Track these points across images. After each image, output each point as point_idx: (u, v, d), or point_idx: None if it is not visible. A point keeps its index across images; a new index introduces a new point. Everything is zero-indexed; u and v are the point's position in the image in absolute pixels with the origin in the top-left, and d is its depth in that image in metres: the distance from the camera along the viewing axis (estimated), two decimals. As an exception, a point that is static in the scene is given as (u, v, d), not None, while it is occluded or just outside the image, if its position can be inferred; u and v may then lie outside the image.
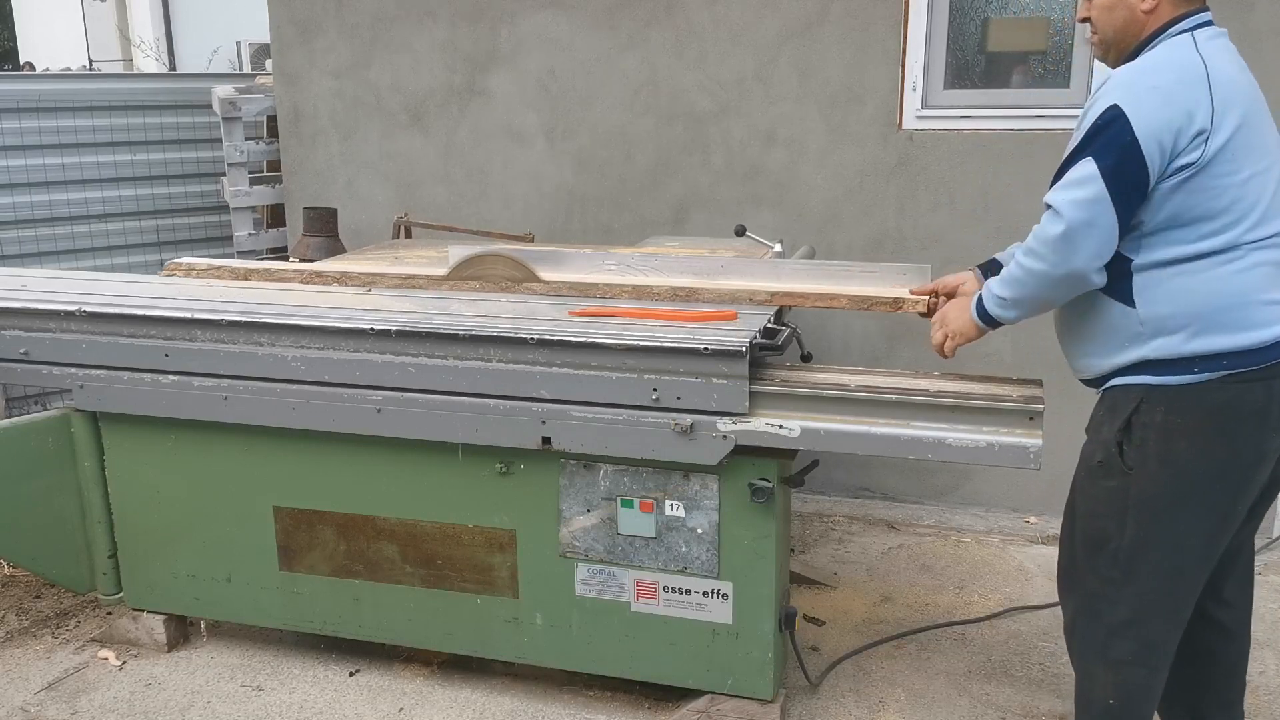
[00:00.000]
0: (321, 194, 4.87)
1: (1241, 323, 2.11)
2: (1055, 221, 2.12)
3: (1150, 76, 2.12)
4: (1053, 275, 2.16)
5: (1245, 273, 2.11)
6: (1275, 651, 3.28)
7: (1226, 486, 2.20)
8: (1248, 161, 2.10)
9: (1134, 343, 2.18)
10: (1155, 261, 2.15)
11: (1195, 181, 2.08)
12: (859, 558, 3.96)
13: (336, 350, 2.78)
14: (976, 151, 3.98)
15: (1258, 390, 2.13)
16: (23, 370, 3.08)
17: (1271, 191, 2.13)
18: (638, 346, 2.56)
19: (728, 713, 2.81)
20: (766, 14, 4.14)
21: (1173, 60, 2.13)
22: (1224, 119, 2.08)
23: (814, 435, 2.51)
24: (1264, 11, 3.64)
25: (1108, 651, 2.33)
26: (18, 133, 4.89)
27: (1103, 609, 2.32)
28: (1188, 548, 2.23)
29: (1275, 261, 2.14)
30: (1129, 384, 2.21)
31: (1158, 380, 2.16)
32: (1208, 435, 2.15)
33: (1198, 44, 2.15)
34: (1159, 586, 2.26)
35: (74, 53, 14.26)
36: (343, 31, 4.72)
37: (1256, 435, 2.17)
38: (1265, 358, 2.12)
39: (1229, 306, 2.11)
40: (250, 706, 3.03)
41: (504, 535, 2.86)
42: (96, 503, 3.19)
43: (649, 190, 4.43)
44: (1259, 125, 2.14)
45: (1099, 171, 2.07)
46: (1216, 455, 2.17)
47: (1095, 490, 2.31)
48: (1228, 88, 2.11)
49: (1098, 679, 2.36)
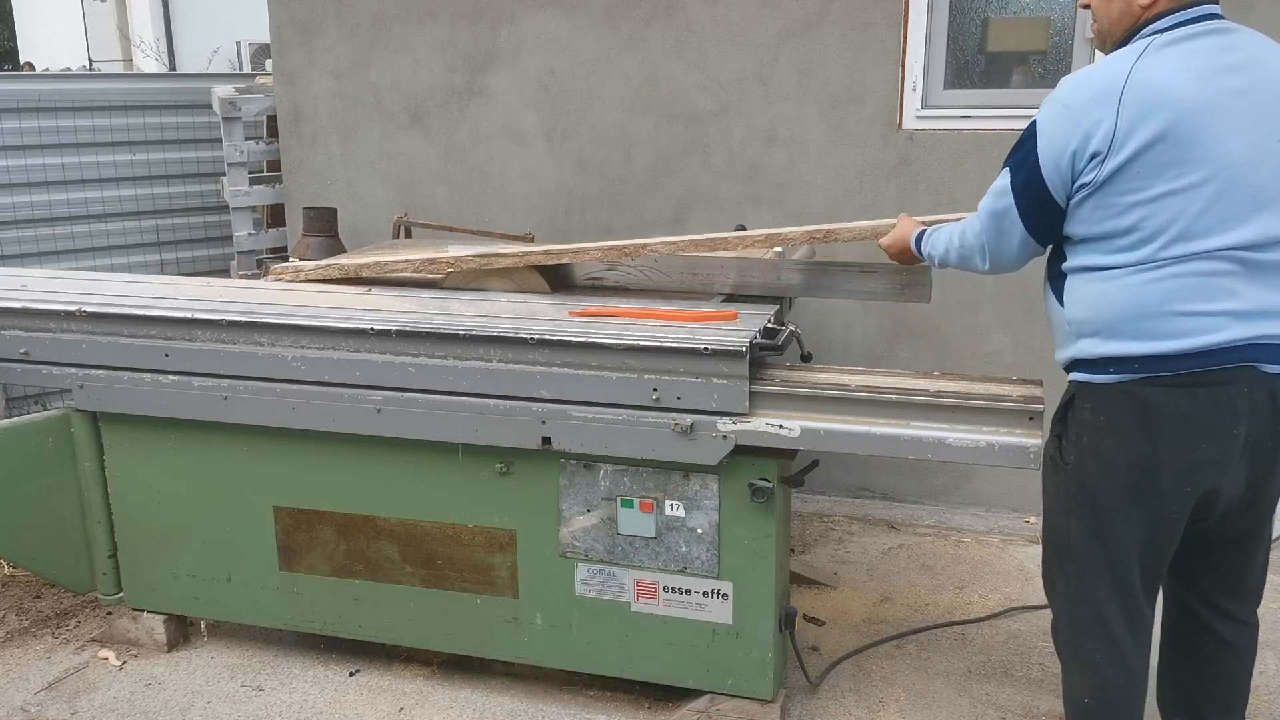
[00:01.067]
0: (321, 194, 4.87)
1: (1151, 332, 2.09)
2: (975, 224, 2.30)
3: (1070, 92, 2.13)
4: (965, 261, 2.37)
5: (1160, 283, 2.08)
6: (1275, 651, 3.28)
7: (1156, 488, 2.17)
8: (1162, 178, 2.04)
9: (1068, 340, 2.24)
10: (1079, 267, 2.19)
11: (1094, 199, 2.09)
12: (859, 558, 3.96)
13: (336, 350, 2.78)
14: (976, 151, 3.98)
15: (1179, 397, 2.11)
16: (23, 370, 3.08)
17: (1199, 208, 2.04)
18: (638, 346, 2.56)
19: (728, 713, 2.81)
20: (766, 14, 4.14)
21: (1103, 72, 2.10)
22: (1129, 138, 2.03)
23: (814, 435, 2.51)
24: (1264, 11, 3.64)
25: (1080, 653, 2.33)
26: (18, 133, 4.89)
27: (1070, 608, 2.33)
28: (1126, 546, 2.22)
29: (1203, 273, 2.07)
30: (1071, 379, 2.26)
31: (1084, 378, 2.20)
32: (1132, 435, 2.15)
33: (1149, 50, 2.09)
34: (1109, 584, 2.26)
35: (74, 53, 14.27)
36: (343, 31, 4.72)
37: (1184, 442, 2.13)
38: (1181, 365, 2.09)
39: (1139, 315, 2.10)
40: (250, 706, 3.03)
41: (504, 535, 2.86)
42: (96, 503, 3.19)
43: (649, 190, 4.43)
44: (1197, 136, 2.02)
45: (1010, 185, 2.19)
46: (1141, 455, 2.16)
47: (1048, 485, 2.35)
48: (1149, 101, 2.03)
49: (1075, 679, 2.37)
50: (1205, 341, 2.08)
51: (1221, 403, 2.11)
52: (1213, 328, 2.08)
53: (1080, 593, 2.29)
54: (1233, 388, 2.10)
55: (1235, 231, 2.05)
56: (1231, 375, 2.10)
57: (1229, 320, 2.08)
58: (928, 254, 2.52)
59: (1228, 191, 2.04)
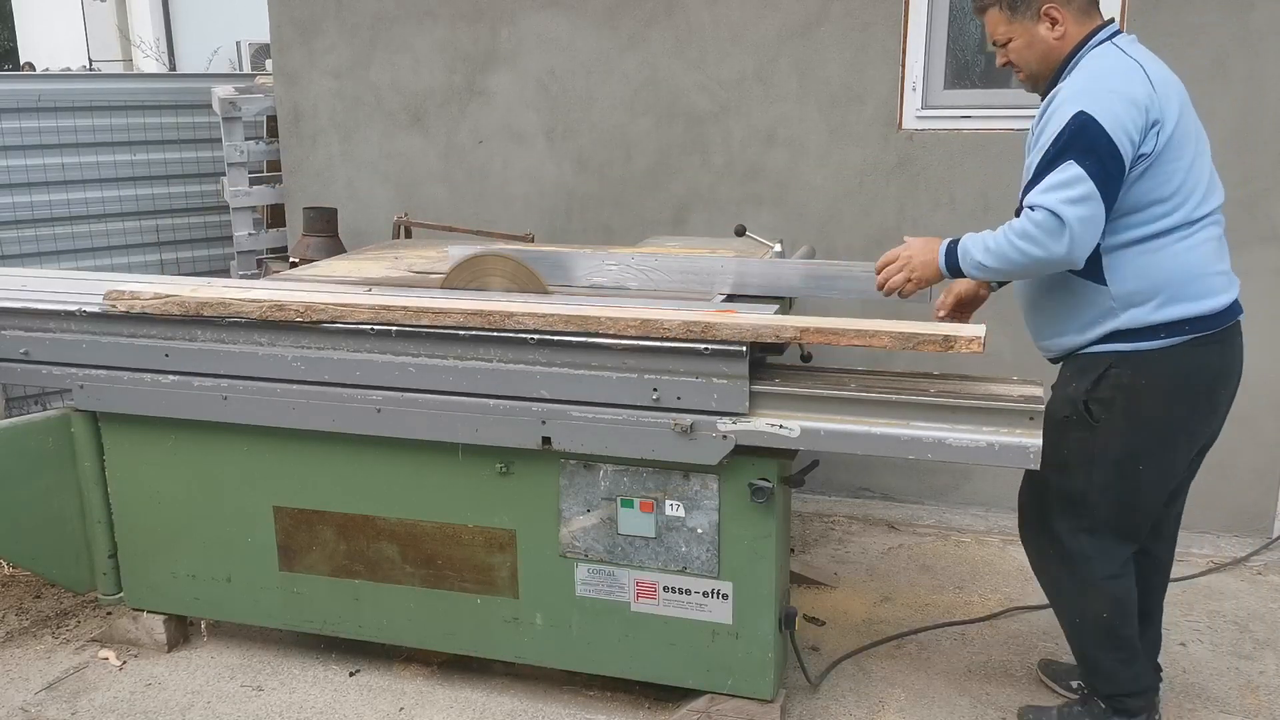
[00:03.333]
0: (321, 194, 4.87)
1: (1201, 292, 2.41)
2: (1052, 219, 2.30)
3: (1102, 82, 2.35)
4: (1048, 261, 2.35)
5: (1199, 247, 2.41)
6: (1275, 651, 3.28)
7: (1183, 440, 2.53)
8: (1187, 148, 2.39)
9: (1106, 317, 2.44)
10: (1121, 243, 2.41)
11: (1153, 169, 2.35)
12: (859, 558, 3.96)
13: (336, 350, 2.78)
14: (976, 151, 3.98)
15: (1214, 352, 2.45)
16: (23, 370, 3.08)
17: (1208, 172, 2.45)
18: (638, 346, 2.56)
19: (728, 713, 2.81)
20: (766, 14, 4.14)
21: (1115, 67, 2.38)
22: (1167, 111, 2.35)
23: (814, 435, 2.51)
24: (1264, 11, 3.64)
25: (1094, 574, 2.62)
26: (18, 133, 4.89)
27: (1083, 542, 2.61)
28: (1145, 491, 2.56)
29: (1218, 236, 2.46)
30: (1097, 351, 2.48)
31: (1129, 347, 2.44)
32: (1170, 395, 2.45)
33: (1125, 50, 2.42)
34: (1122, 517, 2.57)
35: (74, 53, 14.26)
36: (343, 31, 4.72)
37: (1210, 392, 2.49)
38: (1220, 322, 2.44)
39: (1189, 278, 2.40)
40: (250, 706, 3.03)
41: (504, 535, 2.86)
42: (96, 503, 3.19)
43: (649, 190, 4.43)
44: (1190, 115, 2.43)
45: (1085, 173, 2.28)
46: (1177, 413, 2.47)
47: (1063, 442, 2.54)
48: (1164, 84, 2.38)
49: (1091, 599, 2.64)
50: (1230, 298, 2.46)
51: (1237, 353, 2.51)
52: (1230, 285, 2.47)
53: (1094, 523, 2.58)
54: (1239, 339, 2.51)
55: (1215, 196, 2.46)
56: (1237, 328, 2.50)
57: (1232, 277, 2.49)
58: (973, 273, 2.50)
59: (1205, 163, 2.45)
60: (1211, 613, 3.52)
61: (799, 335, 2.49)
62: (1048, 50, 2.48)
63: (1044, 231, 2.31)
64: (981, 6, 2.54)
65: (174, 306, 2.86)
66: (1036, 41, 2.48)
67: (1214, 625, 3.44)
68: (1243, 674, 3.16)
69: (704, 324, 2.50)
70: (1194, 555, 3.89)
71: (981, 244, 2.45)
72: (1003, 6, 2.49)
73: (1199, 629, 3.42)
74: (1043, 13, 2.46)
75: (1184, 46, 3.72)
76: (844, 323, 2.50)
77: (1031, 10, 2.46)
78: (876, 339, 2.45)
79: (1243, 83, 3.70)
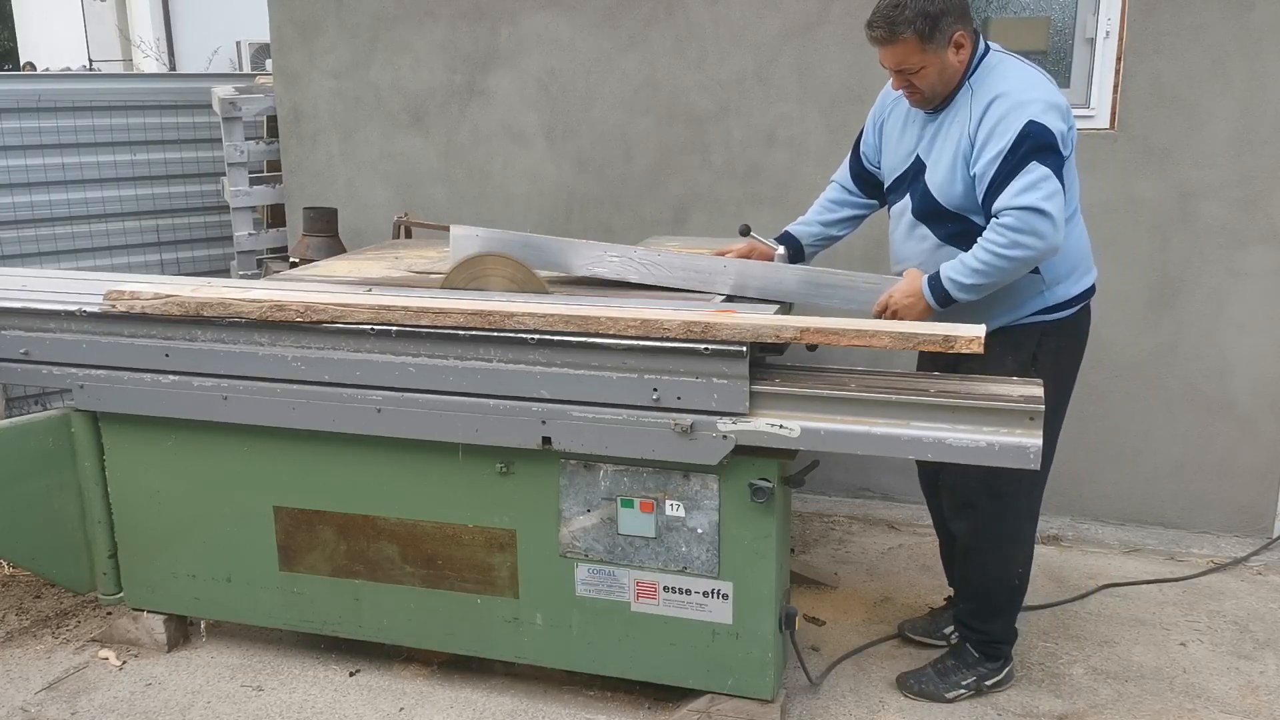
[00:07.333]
0: (321, 194, 4.87)
1: (1090, 264, 2.85)
2: (1036, 216, 2.51)
3: (1033, 92, 2.59)
4: (1038, 257, 2.56)
5: (1082, 229, 2.82)
6: (1275, 651, 3.28)
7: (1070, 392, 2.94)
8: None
9: (1037, 296, 2.75)
10: None
11: (1069, 163, 2.64)
12: (859, 558, 3.96)
13: (336, 350, 2.78)
14: (976, 151, 3.98)
15: (1089, 314, 2.87)
16: (23, 370, 3.08)
17: None
18: (638, 346, 2.56)
19: (728, 713, 2.81)
20: (766, 14, 4.14)
21: (1034, 78, 2.66)
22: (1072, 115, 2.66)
23: (814, 435, 2.51)
24: (1264, 11, 3.64)
25: (1020, 534, 2.95)
26: (18, 133, 4.90)
27: (1020, 504, 2.90)
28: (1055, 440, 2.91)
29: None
30: (1028, 323, 2.78)
31: (1053, 318, 2.78)
32: (1074, 352, 2.88)
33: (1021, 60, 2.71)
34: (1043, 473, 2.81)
35: (74, 53, 14.28)
36: (343, 31, 4.72)
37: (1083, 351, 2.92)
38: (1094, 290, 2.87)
39: (1085, 253, 2.83)
40: (250, 706, 3.03)
41: (504, 535, 2.86)
42: (96, 503, 3.19)
43: (649, 190, 4.43)
44: None
45: (1049, 170, 2.51)
46: (1076, 366, 2.90)
47: None
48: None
49: (1014, 560, 2.95)
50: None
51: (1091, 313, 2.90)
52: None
53: (1032, 488, 2.89)
54: None
55: None
56: None
57: None
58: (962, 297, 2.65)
59: None
60: (1212, 613, 3.52)
61: (799, 335, 2.50)
62: (953, 74, 2.67)
63: (1030, 231, 2.50)
64: (891, 40, 2.62)
65: (174, 306, 2.86)
66: (946, 67, 2.65)
67: (1214, 625, 3.44)
68: (1243, 674, 3.16)
69: (704, 324, 2.51)
70: (1194, 555, 3.89)
71: (964, 267, 2.61)
72: (921, 39, 2.60)
73: (1199, 629, 3.42)
74: (953, 40, 2.62)
75: (1184, 46, 3.72)
76: (844, 323, 2.51)
77: (944, 38, 2.61)
78: (876, 339, 2.46)
79: (1243, 83, 3.70)
